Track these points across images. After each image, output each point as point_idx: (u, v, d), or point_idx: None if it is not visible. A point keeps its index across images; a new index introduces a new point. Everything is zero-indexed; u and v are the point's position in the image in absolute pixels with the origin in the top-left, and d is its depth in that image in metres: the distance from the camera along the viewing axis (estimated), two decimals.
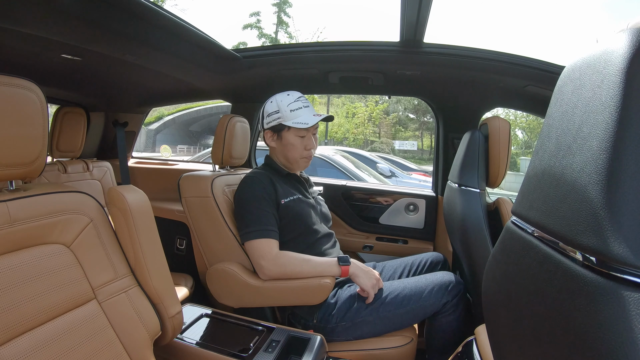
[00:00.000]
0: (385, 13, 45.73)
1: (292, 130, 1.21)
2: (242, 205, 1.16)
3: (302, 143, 1.22)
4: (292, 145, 1.22)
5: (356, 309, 1.10)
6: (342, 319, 1.10)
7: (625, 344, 0.25)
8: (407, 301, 1.09)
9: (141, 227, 0.78)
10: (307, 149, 1.24)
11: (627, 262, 0.26)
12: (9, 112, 0.60)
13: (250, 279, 1.13)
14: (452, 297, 1.10)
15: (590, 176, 0.29)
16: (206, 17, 43.45)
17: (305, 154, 1.25)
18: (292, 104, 1.21)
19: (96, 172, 1.94)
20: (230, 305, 1.20)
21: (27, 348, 0.59)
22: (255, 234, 1.11)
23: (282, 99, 1.22)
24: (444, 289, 1.10)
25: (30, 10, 0.85)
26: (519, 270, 0.42)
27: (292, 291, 1.10)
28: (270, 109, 1.23)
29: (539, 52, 50.99)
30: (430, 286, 1.11)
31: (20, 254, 0.63)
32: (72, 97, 1.92)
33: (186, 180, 1.26)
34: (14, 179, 0.65)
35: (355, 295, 1.13)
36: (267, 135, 1.27)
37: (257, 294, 1.13)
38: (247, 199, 1.15)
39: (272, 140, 1.26)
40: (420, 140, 21.11)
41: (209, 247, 1.24)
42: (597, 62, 0.33)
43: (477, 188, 1.11)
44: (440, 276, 1.14)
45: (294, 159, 1.25)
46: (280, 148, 1.25)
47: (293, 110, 1.20)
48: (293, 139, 1.22)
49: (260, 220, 1.12)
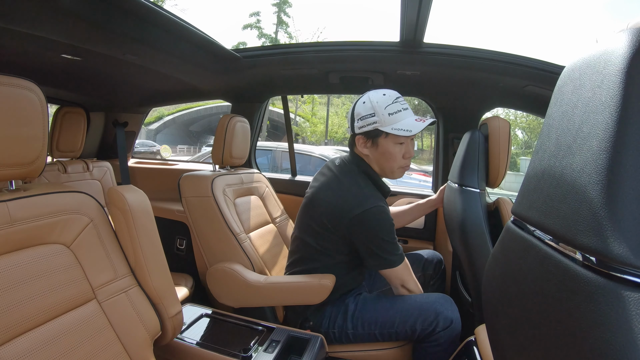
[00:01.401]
0: (385, 13, 45.75)
1: (391, 137, 1.06)
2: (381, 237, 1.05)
3: (400, 151, 1.08)
4: (390, 154, 1.08)
5: (348, 319, 1.10)
6: (333, 325, 1.11)
7: (625, 344, 0.25)
8: (390, 324, 1.07)
9: (141, 227, 0.78)
10: (405, 157, 1.10)
11: (627, 262, 0.26)
12: (9, 112, 0.60)
13: (250, 279, 1.13)
14: (440, 329, 1.04)
15: (590, 176, 0.29)
16: (206, 17, 43.48)
17: (403, 163, 1.11)
18: (390, 106, 1.05)
19: (96, 172, 1.94)
20: (231, 305, 1.20)
21: (27, 348, 0.59)
22: (400, 259, 1.08)
23: (377, 100, 1.05)
24: (431, 319, 1.04)
25: (31, 10, 0.85)
26: (519, 270, 0.42)
27: (292, 291, 1.10)
28: (363, 111, 1.07)
29: (539, 52, 51.02)
30: (416, 313, 1.06)
31: (21, 254, 0.63)
32: (72, 97, 1.92)
33: (186, 180, 1.26)
34: (14, 179, 0.65)
35: (353, 305, 1.12)
36: (359, 141, 1.11)
37: (257, 294, 1.13)
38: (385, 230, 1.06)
39: (364, 147, 1.11)
40: (420, 140, 21.11)
41: (209, 247, 1.23)
42: (597, 62, 0.33)
43: (477, 188, 1.11)
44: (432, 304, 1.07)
45: (390, 169, 1.11)
46: (375, 156, 1.11)
47: (392, 114, 1.04)
48: (392, 147, 1.07)
49: (399, 246, 1.09)
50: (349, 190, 1.08)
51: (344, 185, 1.09)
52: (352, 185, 1.09)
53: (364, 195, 1.07)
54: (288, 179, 1.95)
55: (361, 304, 1.12)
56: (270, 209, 1.56)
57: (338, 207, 1.06)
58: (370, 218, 1.03)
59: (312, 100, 17.60)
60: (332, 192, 1.10)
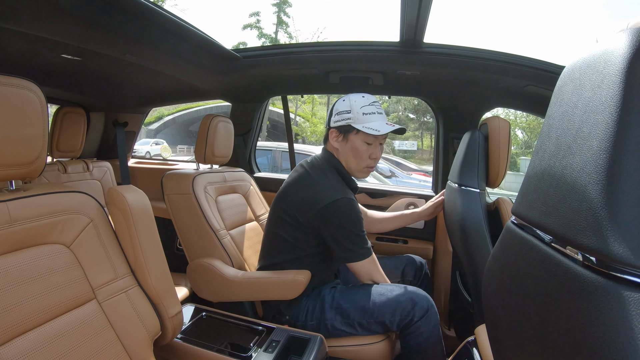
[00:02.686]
0: (386, 12, 45.75)
1: (361, 135, 1.12)
2: (348, 228, 1.09)
3: (367, 151, 1.14)
4: (357, 150, 1.14)
5: (326, 310, 1.11)
6: (311, 318, 1.12)
7: (625, 344, 0.25)
8: (369, 314, 1.08)
9: (141, 227, 0.78)
10: (372, 158, 1.16)
11: (627, 262, 0.26)
12: (9, 112, 0.60)
13: (228, 274, 1.16)
14: (418, 318, 1.06)
15: (590, 176, 0.29)
16: (206, 17, 43.48)
17: (369, 163, 1.17)
18: (365, 107, 1.12)
19: (96, 172, 1.94)
20: (210, 300, 1.23)
21: (27, 348, 0.59)
22: (367, 253, 1.11)
23: (356, 100, 1.13)
24: (409, 309, 1.06)
25: (30, 10, 0.85)
26: (519, 270, 0.42)
27: (267, 286, 1.12)
28: (341, 107, 1.15)
29: (539, 52, 51.03)
30: (394, 304, 1.07)
31: (21, 254, 0.63)
32: (72, 97, 1.92)
33: (168, 178, 1.29)
34: (14, 179, 0.65)
35: (330, 297, 1.13)
36: (331, 134, 1.18)
37: (234, 289, 1.15)
38: (352, 222, 1.09)
39: (336, 141, 1.17)
40: (420, 140, 21.12)
41: (189, 243, 1.27)
42: (597, 62, 0.33)
43: (477, 188, 1.11)
44: (408, 294, 1.09)
45: (355, 167, 1.17)
46: (343, 151, 1.16)
47: (366, 114, 1.12)
48: (360, 144, 1.13)
49: (366, 239, 1.12)
50: (317, 183, 1.13)
51: (313, 179, 1.15)
52: (321, 179, 1.14)
53: (332, 187, 1.12)
54: None
55: (338, 295, 1.13)
56: (254, 207, 1.60)
57: (307, 199, 1.11)
58: (338, 210, 1.08)
59: (312, 100, 17.58)
60: (302, 186, 1.15)
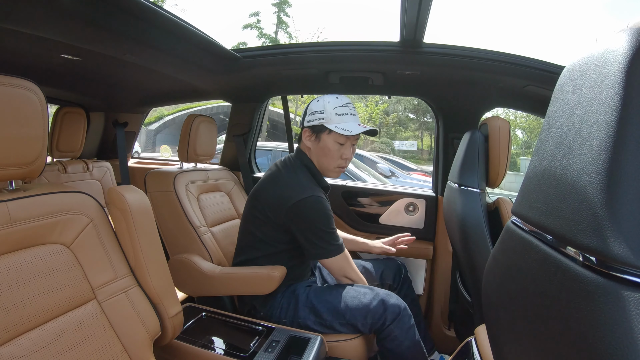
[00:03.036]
0: (386, 12, 45.70)
1: (333, 135, 1.15)
2: (317, 226, 1.10)
3: (339, 151, 1.16)
4: (328, 150, 1.16)
5: (300, 309, 1.11)
6: (285, 315, 1.12)
7: (625, 344, 0.25)
8: (342, 316, 1.08)
9: (141, 227, 0.78)
10: (343, 157, 1.18)
11: (627, 262, 0.26)
12: (9, 112, 0.60)
13: (206, 269, 1.18)
14: (389, 322, 1.06)
15: (590, 176, 0.29)
16: (206, 17, 43.42)
17: (340, 163, 1.19)
18: (339, 107, 1.15)
19: (96, 172, 1.94)
20: (190, 295, 1.26)
21: (27, 348, 0.59)
22: (338, 250, 1.12)
23: (329, 101, 1.16)
24: (380, 313, 1.06)
25: (31, 10, 0.85)
26: (519, 270, 0.42)
27: (242, 281, 1.14)
28: (315, 108, 1.17)
29: (539, 52, 51.00)
30: (365, 308, 1.07)
31: (20, 254, 0.63)
32: (72, 97, 1.92)
33: (151, 176, 1.33)
34: (14, 179, 0.65)
35: (304, 295, 1.14)
36: (305, 134, 1.20)
37: (211, 284, 1.17)
38: (322, 219, 1.11)
39: (308, 140, 1.19)
40: (420, 140, 21.11)
41: (170, 239, 1.29)
42: (597, 62, 0.33)
43: (477, 188, 1.11)
44: (379, 297, 1.08)
45: (327, 166, 1.19)
46: (315, 150, 1.19)
47: (339, 115, 1.14)
48: (331, 144, 1.15)
49: (337, 236, 1.14)
50: (288, 181, 1.16)
51: (284, 177, 1.18)
52: (292, 177, 1.17)
53: (302, 185, 1.14)
54: None
55: (312, 294, 1.14)
56: (237, 205, 1.62)
57: (277, 196, 1.13)
58: (307, 207, 1.10)
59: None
60: (273, 184, 1.18)
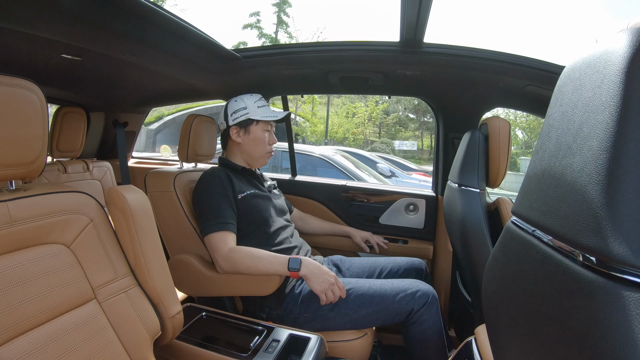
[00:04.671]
0: (386, 12, 45.64)
1: (261, 125, 1.31)
2: (202, 200, 1.18)
3: (267, 137, 1.32)
4: (258, 139, 1.31)
5: (319, 302, 1.10)
6: (305, 310, 1.12)
7: (625, 344, 0.25)
8: (368, 303, 1.08)
9: (141, 227, 0.78)
10: (270, 143, 1.34)
11: (627, 262, 0.26)
12: (9, 112, 0.60)
13: (205, 269, 1.19)
14: (419, 306, 1.07)
15: (590, 176, 0.29)
16: (206, 17, 43.36)
17: (269, 149, 1.34)
18: (258, 101, 1.33)
19: (96, 172, 1.94)
20: (190, 294, 1.26)
21: (27, 348, 0.59)
22: (214, 227, 1.13)
23: (247, 97, 1.33)
24: (409, 297, 1.07)
25: (31, 10, 0.85)
26: (519, 270, 0.42)
27: (243, 282, 1.14)
28: (236, 107, 1.32)
29: (539, 52, 50.96)
30: (394, 292, 1.08)
31: (20, 254, 0.63)
32: (72, 97, 1.92)
33: (151, 176, 1.33)
34: (14, 179, 0.65)
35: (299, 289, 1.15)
36: (232, 132, 1.32)
37: (211, 284, 1.17)
38: (206, 194, 1.18)
39: (238, 136, 1.31)
40: (420, 140, 21.11)
41: (170, 239, 1.30)
42: (597, 62, 0.33)
43: (477, 188, 1.11)
44: (407, 283, 1.12)
45: (259, 154, 1.33)
46: (246, 143, 1.32)
47: (260, 107, 1.31)
48: (260, 132, 1.31)
49: (220, 214, 1.15)
50: None
51: None
52: None
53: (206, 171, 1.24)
54: (288, 179, 1.95)
55: (305, 288, 1.15)
56: None
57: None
58: (199, 181, 1.22)
59: (312, 100, 17.54)
60: None
